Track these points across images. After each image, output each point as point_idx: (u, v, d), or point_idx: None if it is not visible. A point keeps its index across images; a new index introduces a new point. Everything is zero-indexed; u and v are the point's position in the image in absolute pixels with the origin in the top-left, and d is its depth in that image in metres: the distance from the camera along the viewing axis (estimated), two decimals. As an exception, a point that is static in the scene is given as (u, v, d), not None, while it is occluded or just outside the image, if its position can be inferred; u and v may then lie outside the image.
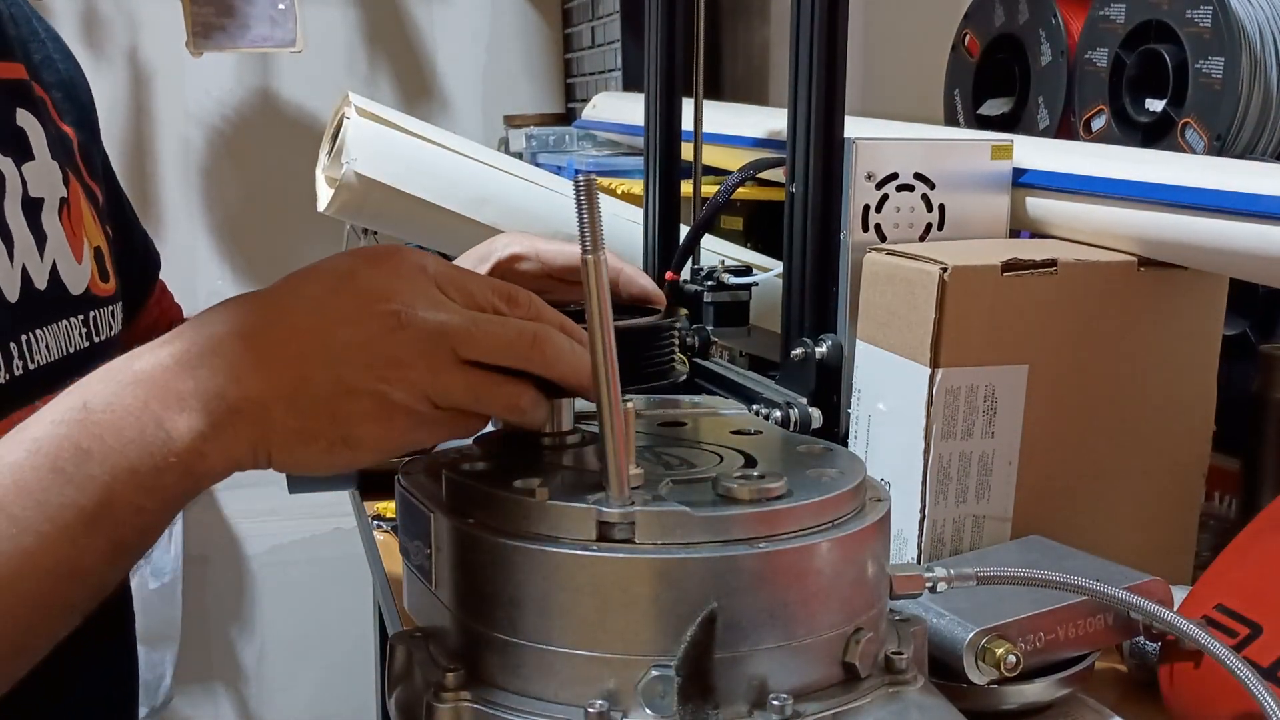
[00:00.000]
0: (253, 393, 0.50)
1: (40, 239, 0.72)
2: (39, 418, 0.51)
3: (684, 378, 0.61)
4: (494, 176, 1.25)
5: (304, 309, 0.52)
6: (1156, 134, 1.03)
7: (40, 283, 0.71)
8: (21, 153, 0.72)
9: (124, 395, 0.50)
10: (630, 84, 1.99)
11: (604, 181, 1.43)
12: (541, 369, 0.54)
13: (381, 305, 0.51)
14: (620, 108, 1.71)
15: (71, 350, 0.72)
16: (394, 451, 0.53)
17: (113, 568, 0.51)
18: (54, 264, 0.72)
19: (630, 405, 0.51)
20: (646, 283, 0.67)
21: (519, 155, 1.87)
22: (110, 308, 0.78)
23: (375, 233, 1.86)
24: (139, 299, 0.94)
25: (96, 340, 0.76)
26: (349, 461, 0.52)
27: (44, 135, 0.75)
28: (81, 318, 0.74)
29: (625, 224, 1.24)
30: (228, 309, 0.53)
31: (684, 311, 0.66)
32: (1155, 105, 1.04)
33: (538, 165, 1.63)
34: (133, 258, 0.92)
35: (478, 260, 0.70)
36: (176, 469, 0.49)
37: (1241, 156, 0.97)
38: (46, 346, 0.70)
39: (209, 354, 0.50)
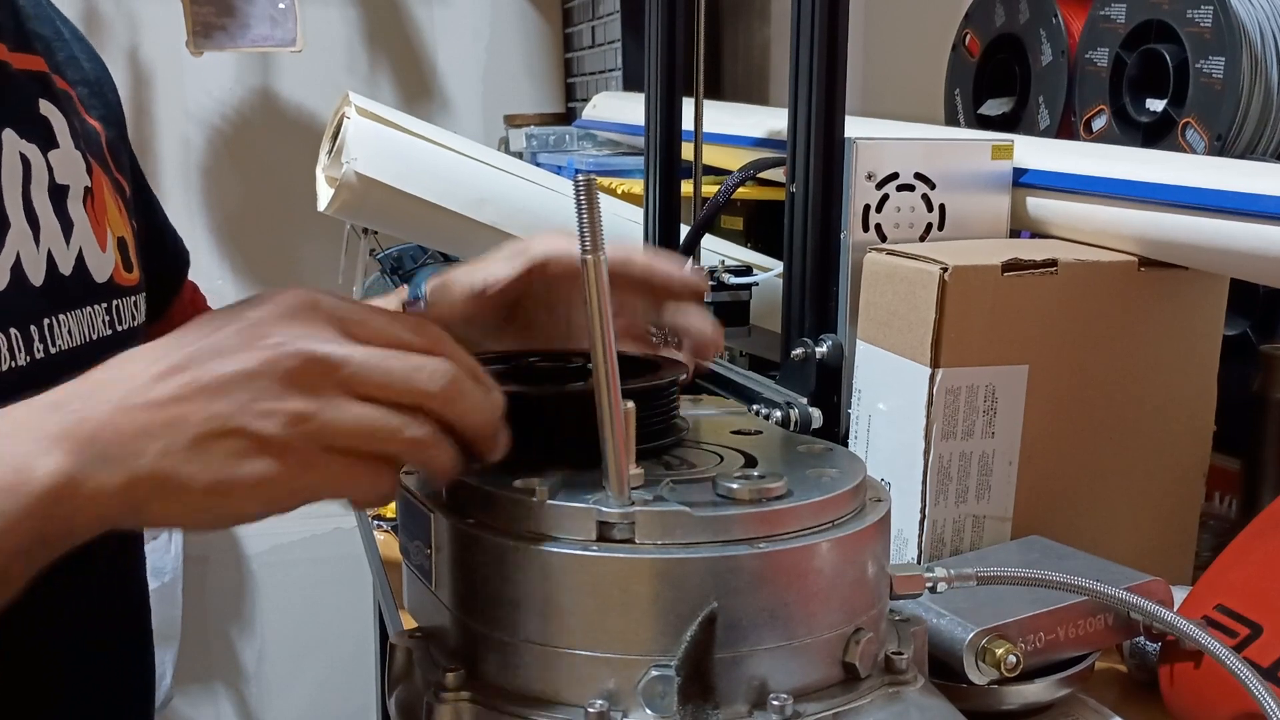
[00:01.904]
0: (125, 433, 0.46)
1: (67, 226, 0.72)
2: None
3: (685, 432, 0.61)
4: (494, 176, 1.25)
5: (186, 350, 0.49)
6: (1157, 134, 1.03)
7: (65, 269, 0.71)
8: (47, 141, 0.72)
9: None
10: (630, 84, 1.99)
11: (604, 181, 1.43)
12: (441, 407, 0.49)
13: (263, 339, 0.48)
14: (620, 108, 1.71)
15: (94, 337, 0.73)
16: (282, 502, 0.48)
17: None
18: (80, 251, 0.72)
19: (631, 405, 0.51)
20: (679, 272, 0.62)
21: (519, 155, 1.87)
22: (134, 298, 0.79)
23: (375, 232, 1.86)
24: (168, 296, 0.95)
25: (119, 329, 0.76)
26: (231, 513, 0.48)
27: (68, 126, 0.75)
28: (105, 305, 0.74)
29: (625, 224, 1.24)
30: (115, 359, 0.50)
31: (685, 363, 0.65)
32: (1156, 105, 1.04)
33: (538, 165, 1.63)
34: (162, 255, 0.92)
35: (511, 255, 0.68)
36: (37, 513, 0.46)
37: (1242, 156, 0.97)
38: (69, 332, 0.70)
39: (84, 395, 0.48)
